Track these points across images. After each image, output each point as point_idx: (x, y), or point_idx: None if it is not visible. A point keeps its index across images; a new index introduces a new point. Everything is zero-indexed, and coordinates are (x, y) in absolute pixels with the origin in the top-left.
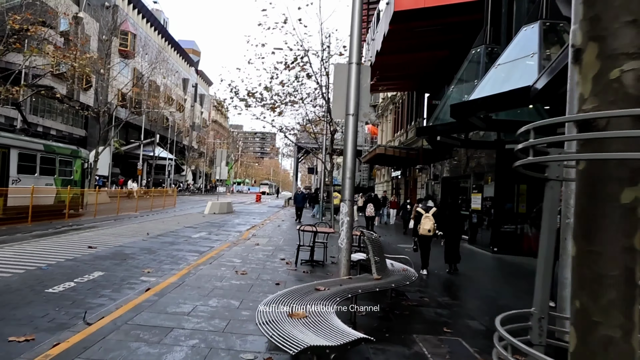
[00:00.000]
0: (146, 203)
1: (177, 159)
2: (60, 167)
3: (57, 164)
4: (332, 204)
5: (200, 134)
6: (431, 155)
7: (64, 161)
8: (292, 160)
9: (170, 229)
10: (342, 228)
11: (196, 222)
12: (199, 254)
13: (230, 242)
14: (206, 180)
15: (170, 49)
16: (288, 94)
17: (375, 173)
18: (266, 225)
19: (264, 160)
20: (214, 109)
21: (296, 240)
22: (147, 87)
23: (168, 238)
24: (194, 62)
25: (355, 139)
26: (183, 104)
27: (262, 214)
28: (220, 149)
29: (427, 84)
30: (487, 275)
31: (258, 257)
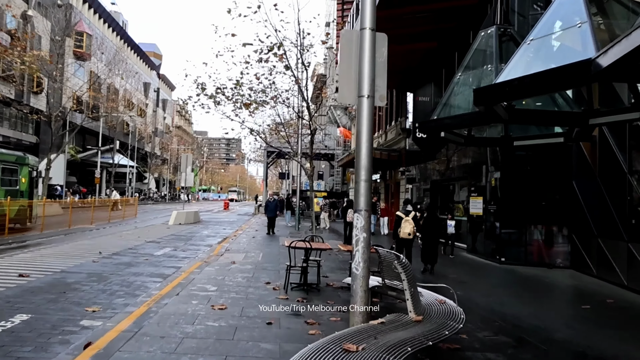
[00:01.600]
0: (103, 214)
1: (138, 167)
2: (3, 175)
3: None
4: (313, 211)
5: (163, 140)
6: (415, 157)
7: (7, 169)
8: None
9: (129, 245)
10: (357, 248)
11: (160, 235)
12: (163, 280)
13: (201, 260)
14: (170, 188)
15: (130, 51)
16: (261, 91)
17: (349, 177)
18: (239, 237)
19: (230, 167)
20: (177, 114)
21: (278, 256)
22: (104, 90)
23: (125, 257)
24: (156, 66)
25: (371, 129)
26: (144, 109)
27: (232, 224)
28: (185, 154)
29: (410, 81)
30: (522, 298)
31: (237, 282)
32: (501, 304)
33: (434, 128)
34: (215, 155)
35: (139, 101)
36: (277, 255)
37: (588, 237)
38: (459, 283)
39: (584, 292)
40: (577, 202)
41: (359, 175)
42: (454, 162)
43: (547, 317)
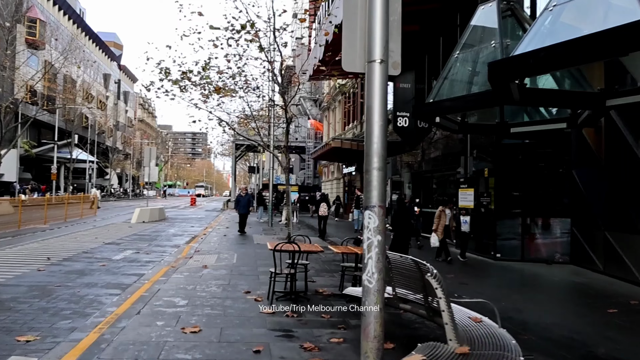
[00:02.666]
0: (59, 212)
1: (99, 162)
2: None
3: None
4: (290, 206)
5: (125, 134)
6: (394, 147)
7: None
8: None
9: (84, 249)
10: (370, 254)
11: (120, 236)
12: (122, 292)
13: (167, 264)
14: (134, 184)
15: (89, 41)
16: (231, 77)
17: (321, 170)
18: (209, 236)
19: (196, 161)
20: (140, 107)
21: (255, 257)
22: (61, 81)
23: (78, 264)
24: (116, 57)
25: (385, 102)
26: (104, 101)
27: (200, 220)
28: (148, 147)
29: None
30: (537, 302)
31: (211, 292)
32: (519, 311)
33: (431, 112)
34: (181, 150)
35: (98, 93)
36: (254, 256)
37: (592, 230)
38: (459, 285)
39: (598, 291)
40: (578, 193)
41: (370, 162)
42: (439, 152)
43: (577, 327)
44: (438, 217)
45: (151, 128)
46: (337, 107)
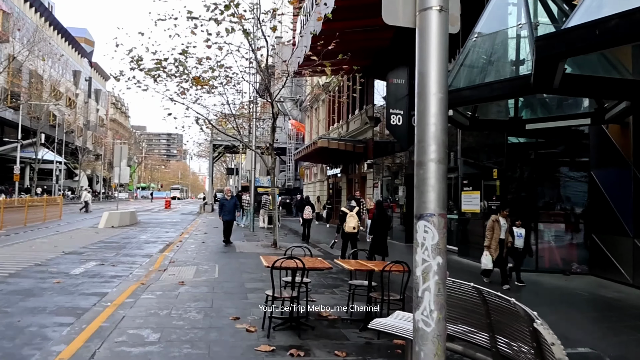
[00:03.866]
0: (18, 216)
1: (67, 162)
2: None
3: None
4: (277, 211)
5: (96, 133)
6: (384, 148)
7: None
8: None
9: (38, 260)
10: (427, 284)
11: (85, 243)
12: (75, 320)
13: (137, 279)
14: (105, 186)
15: (57, 36)
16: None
17: (302, 172)
18: (186, 243)
19: (171, 163)
20: (112, 106)
21: (239, 269)
22: (26, 76)
23: (26, 281)
24: (87, 53)
25: (445, 65)
26: (74, 99)
27: (176, 225)
28: (119, 145)
29: (379, 65)
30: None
31: (190, 319)
32: (565, 338)
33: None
34: (155, 151)
35: (67, 90)
36: (238, 268)
37: (617, 238)
38: None
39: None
40: (599, 196)
41: (424, 152)
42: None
43: None
44: (490, 229)
45: (124, 128)
46: (320, 106)
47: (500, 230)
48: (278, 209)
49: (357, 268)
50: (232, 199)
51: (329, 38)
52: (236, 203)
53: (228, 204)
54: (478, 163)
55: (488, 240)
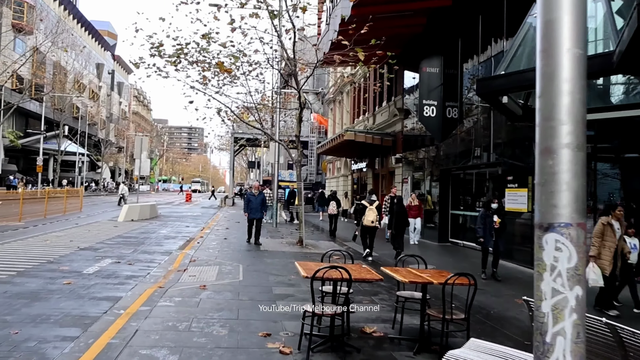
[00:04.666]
0: (37, 208)
1: (90, 154)
2: None
3: None
4: (302, 206)
5: (118, 126)
6: (414, 141)
7: None
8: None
9: (51, 257)
10: (561, 326)
11: (102, 238)
12: (81, 333)
13: (154, 281)
14: (127, 178)
15: (81, 29)
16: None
17: (325, 167)
18: (207, 239)
19: (192, 156)
20: (134, 99)
21: (266, 271)
22: (50, 67)
23: (34, 281)
24: (110, 46)
25: (584, 14)
26: (97, 92)
27: (197, 219)
28: (139, 136)
29: (410, 54)
30: None
31: (214, 336)
32: None
33: (503, 87)
34: (177, 144)
35: (90, 83)
36: (264, 269)
37: None
38: None
39: None
40: None
41: (553, 134)
42: (478, 144)
43: None
44: (599, 235)
45: (146, 121)
46: (344, 99)
47: (615, 237)
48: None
49: (411, 280)
50: (260, 194)
51: (359, 24)
52: (264, 199)
53: (255, 200)
54: (526, 157)
55: (595, 249)
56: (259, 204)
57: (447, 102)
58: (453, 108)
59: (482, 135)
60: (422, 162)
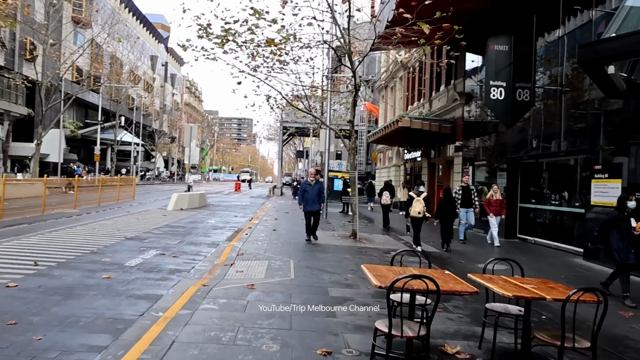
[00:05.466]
0: (91, 196)
1: (145, 144)
2: None
3: None
4: (357, 197)
5: (171, 117)
6: (476, 127)
7: None
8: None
9: (95, 246)
10: None
11: (149, 227)
12: (112, 341)
13: (199, 276)
14: (179, 167)
15: (136, 22)
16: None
17: (375, 156)
18: (255, 230)
19: (241, 147)
20: (187, 90)
21: (320, 268)
22: (105, 58)
23: (72, 274)
24: (163, 39)
25: None
26: (151, 83)
27: (245, 209)
28: (189, 124)
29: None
30: None
31: (263, 351)
32: None
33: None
34: (227, 135)
35: (145, 75)
36: (317, 266)
37: None
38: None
39: None
40: None
41: None
42: (554, 128)
43: None
44: None
45: (197, 112)
46: (396, 85)
47: None
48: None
49: (516, 294)
50: (317, 183)
51: None
52: (322, 189)
53: (312, 191)
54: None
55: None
56: (316, 195)
57: (517, 83)
58: (524, 90)
59: (560, 119)
60: (486, 150)
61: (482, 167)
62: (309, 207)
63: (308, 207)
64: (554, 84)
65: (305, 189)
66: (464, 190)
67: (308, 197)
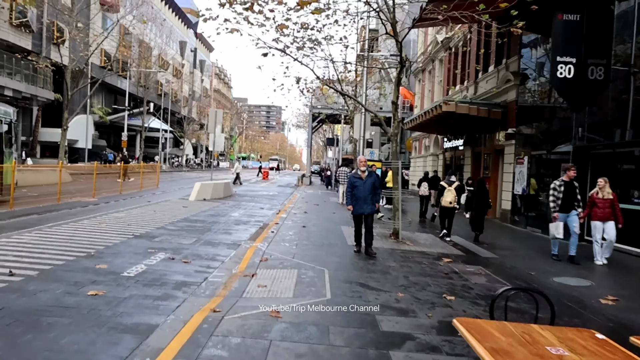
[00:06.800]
0: (115, 183)
1: (174, 131)
2: None
3: None
4: (399, 190)
5: (200, 103)
6: (533, 112)
7: None
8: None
9: (97, 246)
10: None
11: (164, 221)
12: None
13: (209, 295)
14: (207, 155)
15: (165, 7)
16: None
17: (410, 145)
18: (283, 226)
19: (270, 134)
20: (215, 77)
21: (357, 276)
22: (133, 42)
23: (50, 290)
24: (193, 24)
25: None
26: (180, 69)
27: (272, 199)
28: (213, 109)
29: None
30: None
31: None
32: None
33: None
34: (256, 122)
35: (174, 60)
36: (359, 279)
37: None
38: None
39: None
40: None
41: None
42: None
43: None
44: None
45: (226, 99)
46: (435, 68)
47: None
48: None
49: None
50: (371, 176)
51: None
52: (376, 183)
53: (364, 186)
54: None
55: None
56: (369, 191)
57: (589, 59)
58: (598, 67)
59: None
60: (546, 138)
61: (540, 158)
62: (359, 207)
63: (358, 208)
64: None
65: (354, 184)
66: (566, 186)
67: (358, 195)
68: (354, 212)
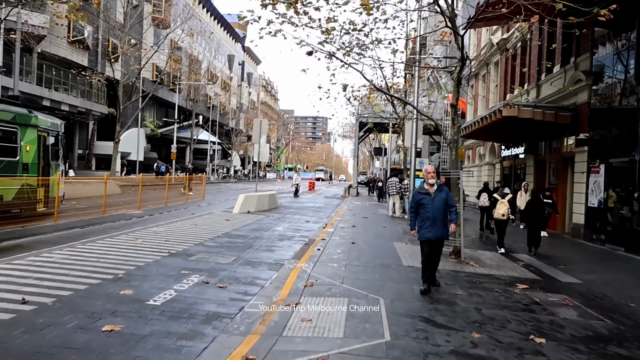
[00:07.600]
0: (162, 195)
1: (222, 143)
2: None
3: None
4: (462, 202)
5: (248, 115)
6: (609, 115)
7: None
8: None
9: (127, 265)
10: None
11: (204, 237)
12: None
13: (243, 333)
14: (255, 166)
15: (214, 22)
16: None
17: (462, 153)
18: (330, 242)
19: (316, 145)
20: (262, 89)
21: (420, 308)
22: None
23: (63, 322)
24: (240, 38)
25: None
26: (228, 82)
27: (318, 212)
28: (258, 119)
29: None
30: None
31: None
32: None
33: None
34: (302, 133)
35: (222, 74)
36: (422, 311)
37: None
38: None
39: None
40: None
41: None
42: None
43: None
44: None
45: (273, 111)
46: (490, 72)
47: None
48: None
49: None
50: (441, 191)
51: None
52: (450, 201)
53: (433, 204)
54: None
55: None
56: (440, 210)
57: None
58: None
59: None
60: (628, 144)
61: (619, 166)
62: (426, 231)
63: (426, 231)
64: None
65: (420, 201)
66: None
67: (426, 215)
68: (420, 237)
